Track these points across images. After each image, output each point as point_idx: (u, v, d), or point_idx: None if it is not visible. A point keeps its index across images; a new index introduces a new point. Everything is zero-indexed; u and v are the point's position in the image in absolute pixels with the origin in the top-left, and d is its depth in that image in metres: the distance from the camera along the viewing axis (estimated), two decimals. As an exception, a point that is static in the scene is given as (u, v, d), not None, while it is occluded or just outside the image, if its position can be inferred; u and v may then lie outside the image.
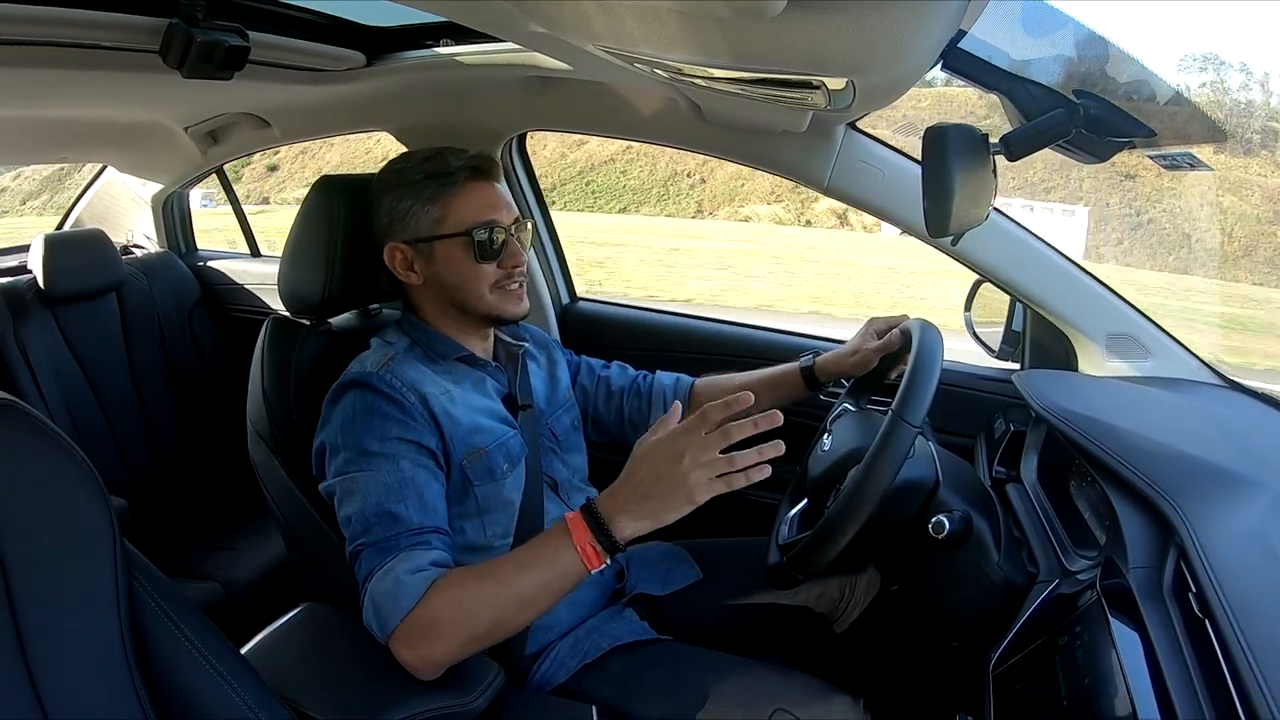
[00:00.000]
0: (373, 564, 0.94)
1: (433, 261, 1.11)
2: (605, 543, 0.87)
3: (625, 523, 0.87)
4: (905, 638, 1.27)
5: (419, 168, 1.10)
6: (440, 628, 0.88)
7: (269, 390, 1.15)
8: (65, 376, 1.93)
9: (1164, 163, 1.14)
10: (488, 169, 1.12)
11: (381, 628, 0.90)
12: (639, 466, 0.89)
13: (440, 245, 1.10)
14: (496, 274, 1.11)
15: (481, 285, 1.11)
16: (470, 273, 1.10)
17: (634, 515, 0.87)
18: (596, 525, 0.87)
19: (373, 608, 0.91)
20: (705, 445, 0.86)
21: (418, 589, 0.89)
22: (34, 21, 1.07)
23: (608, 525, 0.87)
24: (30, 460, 0.70)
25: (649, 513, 0.87)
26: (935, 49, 0.84)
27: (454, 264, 1.10)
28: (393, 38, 1.54)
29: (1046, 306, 1.43)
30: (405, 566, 0.91)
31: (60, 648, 0.69)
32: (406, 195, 1.10)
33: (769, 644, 1.30)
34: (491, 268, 1.11)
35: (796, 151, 1.46)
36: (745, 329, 1.87)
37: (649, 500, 0.87)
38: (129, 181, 2.42)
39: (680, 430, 0.88)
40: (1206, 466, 0.97)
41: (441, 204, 1.09)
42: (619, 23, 0.80)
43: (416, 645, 0.89)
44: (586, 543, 0.87)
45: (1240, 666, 0.64)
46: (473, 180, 1.11)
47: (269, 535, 1.85)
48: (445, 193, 1.09)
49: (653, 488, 0.86)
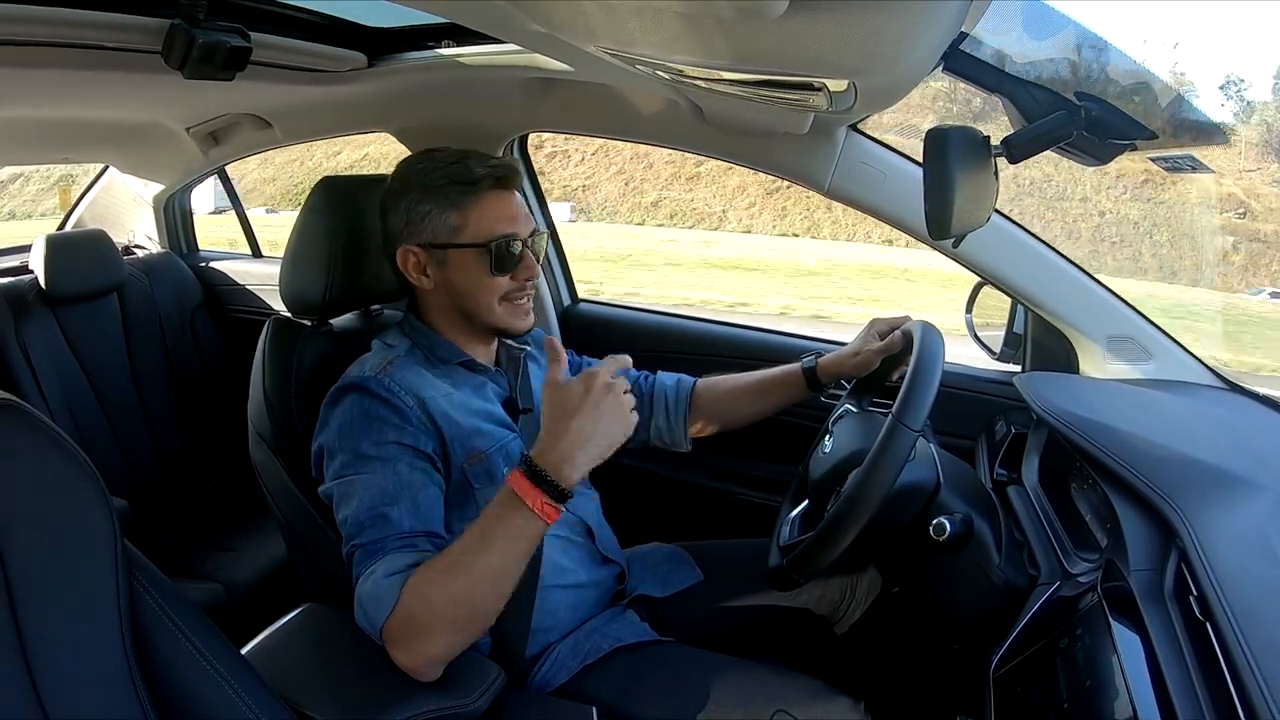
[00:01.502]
0: (361, 568, 0.94)
1: (446, 268, 1.10)
2: (555, 494, 0.89)
3: (566, 467, 0.89)
4: (906, 639, 1.27)
5: (442, 171, 1.08)
6: (418, 623, 0.88)
7: (270, 391, 1.15)
8: (66, 377, 1.93)
9: (1165, 165, 1.15)
10: (510, 179, 1.10)
11: (372, 631, 0.91)
12: (558, 415, 0.91)
13: (456, 253, 1.08)
14: (509, 286, 1.10)
15: (492, 296, 1.10)
16: (483, 283, 1.09)
17: (573, 454, 0.89)
18: (542, 481, 0.88)
19: (360, 611, 0.92)
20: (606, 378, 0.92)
21: (394, 591, 0.89)
22: (36, 22, 1.07)
23: (553, 477, 0.88)
24: (31, 460, 0.70)
25: (589, 450, 0.90)
26: (937, 51, 0.84)
27: (467, 273, 1.09)
28: (394, 38, 1.54)
29: (1047, 309, 1.43)
30: (384, 569, 0.91)
31: (60, 648, 0.69)
32: (426, 199, 1.08)
33: (769, 645, 1.30)
34: (505, 280, 1.10)
35: (798, 153, 1.46)
36: (746, 330, 1.87)
37: (581, 432, 0.90)
38: (130, 182, 2.42)
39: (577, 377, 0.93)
40: (1208, 469, 0.97)
41: (461, 212, 1.07)
42: (620, 23, 0.80)
43: (405, 645, 0.89)
44: (539, 501, 0.88)
45: (1241, 669, 0.64)
46: (495, 190, 1.09)
47: (270, 536, 1.85)
48: (466, 201, 1.07)
49: (582, 426, 0.90)
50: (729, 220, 24.91)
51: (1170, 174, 1.15)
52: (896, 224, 1.45)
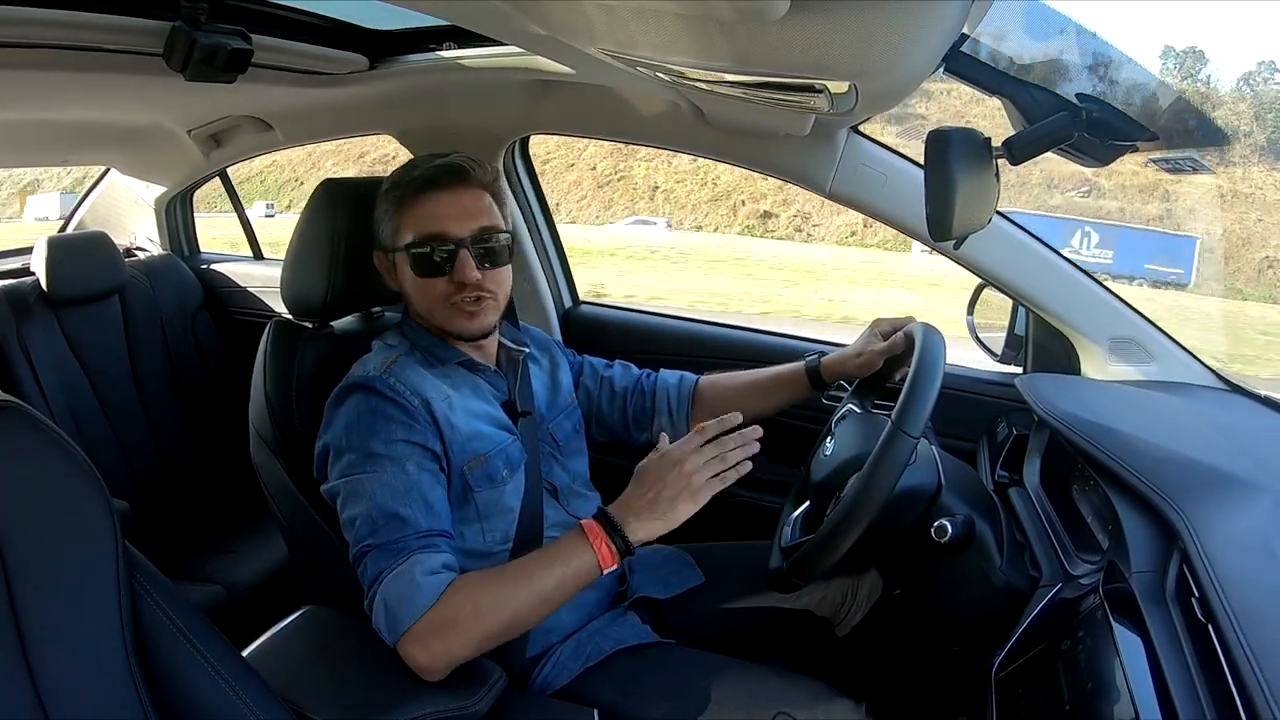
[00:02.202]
0: (381, 566, 0.94)
1: (394, 272, 1.13)
2: (619, 544, 0.95)
3: (636, 526, 0.96)
4: (907, 642, 1.26)
5: (398, 174, 1.11)
6: (460, 624, 0.91)
7: (271, 393, 1.15)
8: (68, 379, 1.93)
9: (1166, 166, 1.15)
10: (444, 179, 1.08)
11: (393, 629, 0.91)
12: (645, 477, 0.99)
13: (398, 256, 1.11)
14: (446, 289, 1.08)
15: (428, 300, 1.10)
16: (418, 287, 1.10)
17: (644, 519, 0.96)
18: (611, 529, 0.95)
19: (384, 609, 0.92)
20: (701, 452, 0.98)
21: (435, 589, 0.92)
22: (37, 24, 1.08)
23: (621, 529, 0.95)
24: (32, 462, 0.70)
25: (659, 514, 0.96)
26: (938, 52, 0.84)
27: (405, 277, 1.11)
28: (395, 41, 1.54)
29: (1049, 310, 1.43)
30: (420, 569, 0.93)
31: (61, 649, 0.69)
32: (381, 203, 1.12)
33: (771, 647, 1.29)
34: (441, 282, 1.08)
35: (799, 155, 1.46)
36: (748, 332, 1.86)
37: (657, 504, 0.96)
38: (132, 184, 2.42)
39: (678, 444, 1.00)
40: (1209, 471, 0.97)
41: (397, 215, 1.10)
42: (621, 25, 0.80)
43: (431, 643, 0.90)
44: (603, 544, 0.95)
45: (1243, 671, 0.64)
46: (424, 192, 1.07)
47: (271, 538, 1.84)
48: (403, 203, 1.09)
49: (660, 492, 0.96)
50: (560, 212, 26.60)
51: (1172, 175, 1.15)
52: (898, 226, 1.45)
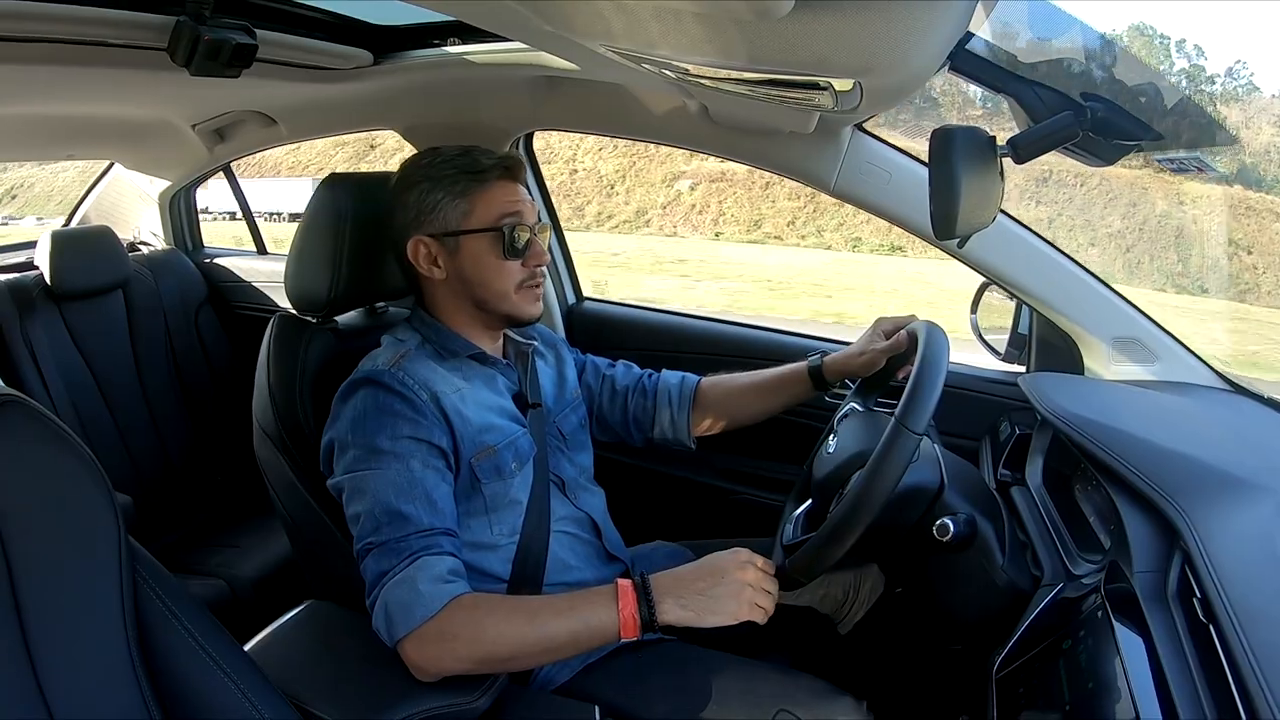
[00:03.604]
0: (383, 565, 0.94)
1: (458, 256, 1.11)
2: (646, 616, 0.93)
3: (671, 607, 0.94)
4: (909, 640, 1.27)
5: (450, 162, 1.11)
6: (457, 642, 0.91)
7: (275, 388, 1.15)
8: (71, 373, 1.94)
9: (1172, 166, 1.14)
10: (516, 170, 1.13)
11: (391, 633, 0.91)
12: (707, 566, 0.97)
13: (467, 240, 1.10)
14: (521, 272, 1.12)
15: (506, 282, 1.12)
16: (495, 269, 1.11)
17: (683, 604, 0.94)
18: (645, 598, 0.94)
19: (384, 614, 0.92)
20: (770, 578, 0.98)
21: (439, 600, 0.91)
22: (42, 18, 1.08)
23: (655, 602, 0.94)
24: (35, 456, 0.71)
25: (697, 607, 0.95)
26: (942, 51, 0.83)
27: (480, 259, 1.11)
28: (400, 36, 1.54)
29: (1053, 309, 1.43)
30: (425, 575, 0.93)
31: (64, 643, 0.69)
32: (435, 189, 1.10)
33: (772, 645, 1.29)
34: (517, 265, 1.11)
35: (803, 153, 1.46)
36: (751, 330, 1.86)
37: (702, 597, 0.95)
38: (136, 179, 2.43)
39: (752, 555, 0.98)
40: (1212, 471, 0.97)
41: (470, 199, 1.10)
42: (621, 23, 0.80)
43: (427, 649, 0.91)
44: (631, 611, 0.93)
45: (1244, 672, 0.64)
46: (502, 179, 1.11)
47: (274, 532, 1.85)
48: (475, 188, 1.10)
49: (711, 587, 0.95)
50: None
51: (1175, 175, 1.14)
52: (902, 224, 1.45)
